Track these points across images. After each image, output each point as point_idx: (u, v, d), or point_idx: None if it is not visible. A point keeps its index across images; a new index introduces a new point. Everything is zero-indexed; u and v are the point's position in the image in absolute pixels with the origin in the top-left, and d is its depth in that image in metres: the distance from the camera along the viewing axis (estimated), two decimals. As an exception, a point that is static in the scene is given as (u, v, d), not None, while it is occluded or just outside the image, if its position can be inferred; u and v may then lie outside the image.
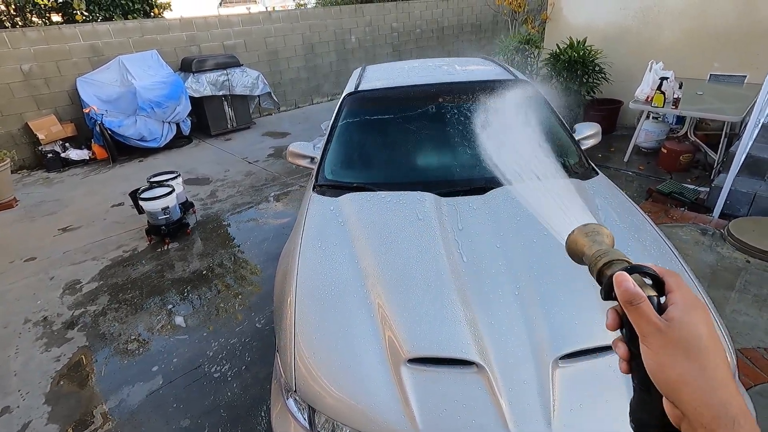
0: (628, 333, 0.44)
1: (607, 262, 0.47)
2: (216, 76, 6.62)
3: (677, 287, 0.43)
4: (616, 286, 0.43)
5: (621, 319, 0.45)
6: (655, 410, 0.42)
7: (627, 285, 0.42)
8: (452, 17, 10.63)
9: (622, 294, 0.42)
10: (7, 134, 5.73)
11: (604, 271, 0.46)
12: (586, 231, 0.52)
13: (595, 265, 0.48)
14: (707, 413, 0.36)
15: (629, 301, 0.41)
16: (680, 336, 0.39)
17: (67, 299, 3.11)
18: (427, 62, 3.28)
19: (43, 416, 2.18)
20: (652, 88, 4.23)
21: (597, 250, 0.49)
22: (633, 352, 0.43)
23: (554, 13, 6.12)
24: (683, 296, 0.42)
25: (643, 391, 0.43)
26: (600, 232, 0.51)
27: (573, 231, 0.53)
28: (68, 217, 4.43)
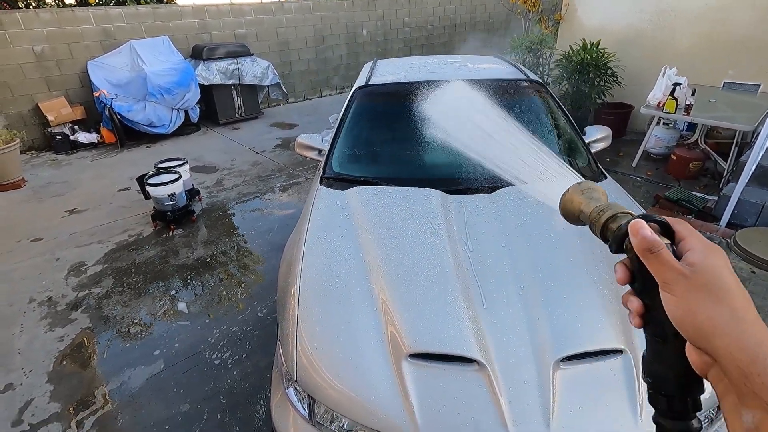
0: (640, 285, 0.43)
1: (612, 216, 0.45)
2: (226, 64, 6.62)
3: (689, 233, 0.42)
4: (632, 235, 0.41)
5: (631, 272, 0.44)
6: (672, 361, 0.41)
7: (645, 233, 0.40)
8: (465, 14, 10.56)
9: (640, 242, 0.40)
10: (17, 114, 5.76)
11: (609, 225, 0.45)
12: (582, 189, 0.50)
13: (597, 220, 0.46)
14: (743, 356, 0.35)
15: (648, 248, 0.40)
16: (705, 279, 0.38)
17: (72, 281, 3.14)
18: (439, 59, 3.27)
19: (45, 394, 2.21)
20: (664, 93, 4.19)
21: (597, 206, 0.47)
22: (647, 304, 0.43)
23: (568, 14, 6.06)
24: (699, 241, 0.41)
25: (658, 343, 0.42)
26: (596, 189, 0.50)
27: (567, 190, 0.51)
28: (75, 200, 4.46)
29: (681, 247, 0.41)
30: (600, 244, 0.47)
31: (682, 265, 0.39)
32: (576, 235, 1.70)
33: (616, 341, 1.31)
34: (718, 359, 0.36)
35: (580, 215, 0.49)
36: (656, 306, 0.41)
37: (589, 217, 0.48)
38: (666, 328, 0.40)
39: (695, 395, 0.42)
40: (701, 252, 0.40)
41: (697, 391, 0.41)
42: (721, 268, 0.38)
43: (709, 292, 0.37)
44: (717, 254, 0.40)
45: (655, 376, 0.43)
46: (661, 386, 0.43)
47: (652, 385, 0.44)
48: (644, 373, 0.45)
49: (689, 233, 0.42)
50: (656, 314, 0.41)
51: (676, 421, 0.42)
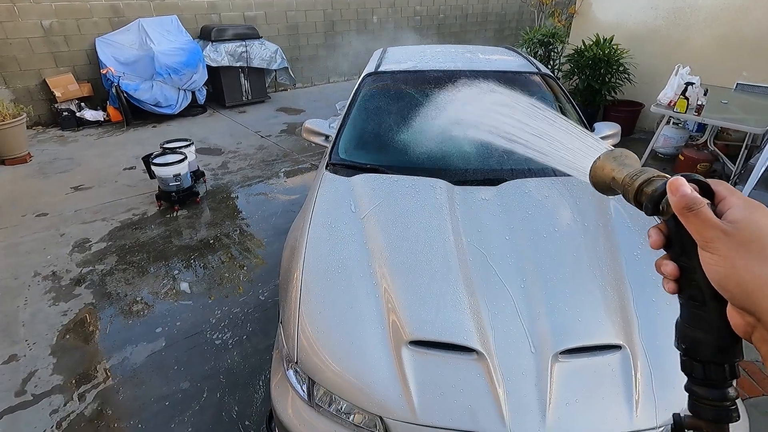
0: (678, 247, 0.42)
1: (646, 180, 0.44)
2: (234, 46, 6.57)
3: (730, 192, 0.40)
4: (671, 193, 0.40)
5: (666, 237, 0.43)
6: (711, 325, 0.40)
7: (684, 189, 0.39)
8: (477, 5, 10.41)
9: (680, 200, 0.39)
10: (24, 89, 5.75)
11: (644, 189, 0.44)
12: (614, 155, 0.49)
13: (631, 185, 0.45)
14: None
15: (688, 206, 0.38)
16: (749, 236, 0.36)
17: (76, 256, 3.16)
18: (450, 48, 3.23)
19: (48, 367, 2.25)
20: (676, 92, 4.14)
21: (629, 171, 0.46)
22: (683, 267, 0.42)
23: (583, 8, 5.97)
24: (740, 198, 0.39)
25: (696, 307, 0.41)
26: (628, 155, 0.49)
27: (599, 157, 0.49)
28: (80, 176, 4.47)
29: (721, 206, 0.40)
30: (604, 240, 0.47)
31: (724, 223, 0.38)
32: (580, 231, 1.70)
33: (616, 337, 1.31)
34: (763, 319, 0.35)
35: (611, 182, 0.48)
36: (694, 268, 0.40)
37: (622, 182, 0.46)
38: (704, 290, 0.39)
39: (733, 361, 0.40)
40: (743, 208, 0.38)
41: (735, 356, 0.40)
42: (764, 223, 0.37)
43: (753, 248, 0.36)
44: (761, 210, 0.38)
45: (691, 342, 0.42)
46: (696, 352, 0.41)
47: (686, 351, 0.42)
48: (677, 340, 0.43)
49: (730, 192, 0.40)
50: (693, 277, 0.40)
51: (711, 389, 0.41)
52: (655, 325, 1.35)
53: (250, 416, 1.98)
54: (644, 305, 1.40)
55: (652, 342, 1.30)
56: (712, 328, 0.40)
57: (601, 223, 1.72)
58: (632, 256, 1.58)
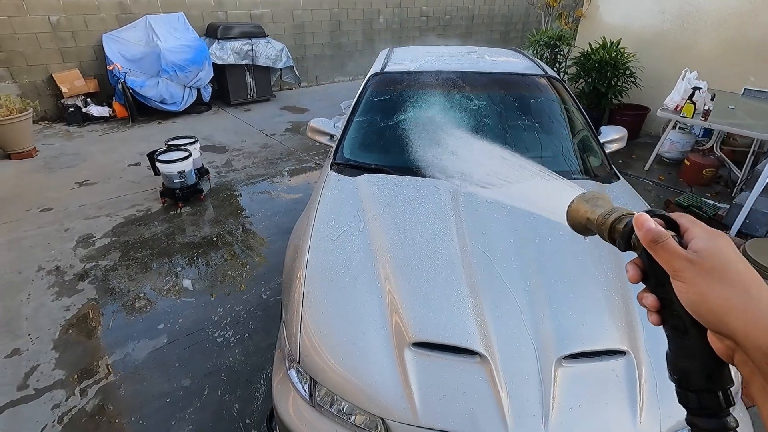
0: (653, 279, 0.43)
1: (617, 218, 0.46)
2: (241, 44, 6.58)
3: (692, 224, 0.42)
4: (637, 228, 0.42)
5: (642, 270, 0.45)
6: (695, 353, 0.41)
7: (649, 224, 0.41)
8: (483, 6, 10.40)
9: (646, 234, 0.41)
10: (31, 84, 5.78)
11: (616, 227, 0.46)
12: (586, 198, 0.51)
13: (604, 224, 0.47)
14: (763, 334, 0.34)
15: (654, 239, 0.41)
16: (713, 263, 0.38)
17: (79, 252, 3.17)
18: (457, 49, 3.22)
19: (50, 361, 2.25)
20: (682, 97, 4.12)
21: (602, 211, 0.48)
22: (662, 298, 0.43)
23: (590, 11, 5.95)
24: (702, 228, 0.41)
25: (679, 337, 0.42)
26: (600, 197, 0.51)
27: (573, 201, 0.52)
28: (85, 172, 4.49)
29: (686, 237, 0.42)
30: (609, 245, 0.48)
31: (689, 252, 0.39)
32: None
33: (620, 342, 1.30)
34: (737, 341, 0.36)
35: (587, 223, 0.50)
36: (671, 298, 0.41)
37: (596, 222, 0.49)
38: (684, 319, 0.41)
39: (725, 387, 0.41)
40: (705, 238, 0.40)
41: (726, 383, 0.41)
42: (726, 251, 0.39)
43: (716, 274, 0.38)
44: (721, 239, 0.40)
45: (681, 372, 0.43)
46: (688, 382, 0.42)
47: (679, 383, 0.43)
48: (670, 372, 0.44)
49: (692, 224, 0.42)
50: (673, 307, 0.42)
51: (710, 418, 0.41)
52: (660, 332, 1.33)
53: (250, 414, 1.98)
54: (649, 311, 1.39)
55: (657, 348, 1.29)
56: (697, 355, 0.41)
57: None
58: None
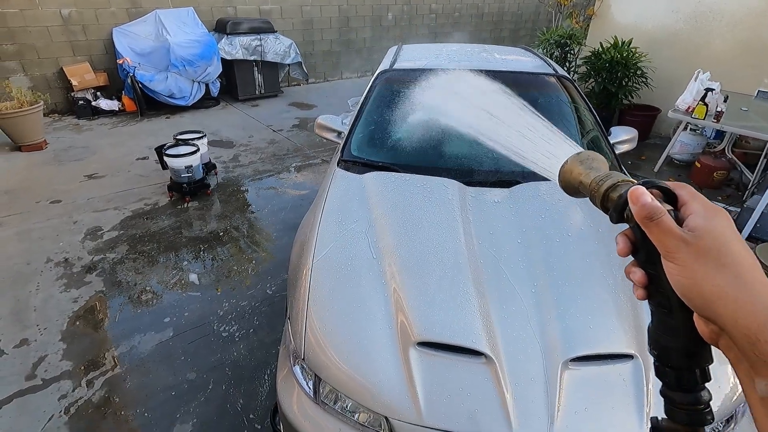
0: (644, 255, 0.42)
1: (612, 185, 0.43)
2: (249, 40, 6.58)
3: (691, 197, 0.40)
4: (632, 203, 0.39)
5: (633, 243, 0.43)
6: (678, 332, 0.40)
7: (645, 199, 0.39)
8: (494, 4, 10.32)
9: (640, 209, 0.39)
10: (42, 77, 5.83)
11: (610, 195, 0.43)
12: (581, 159, 0.48)
13: (597, 190, 0.44)
14: (752, 322, 0.33)
15: (649, 216, 0.38)
16: (708, 244, 0.36)
17: (88, 244, 3.20)
18: (466, 47, 3.20)
19: (58, 352, 2.28)
20: (695, 98, 4.07)
21: (596, 175, 0.45)
22: (650, 274, 0.41)
23: (602, 10, 5.89)
24: (701, 204, 0.39)
25: (663, 314, 0.41)
26: (596, 158, 0.48)
27: (567, 160, 0.49)
28: (94, 165, 4.52)
29: (683, 212, 0.39)
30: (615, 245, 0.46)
31: (683, 231, 0.37)
32: (594, 237, 1.67)
33: (628, 346, 1.29)
34: (724, 327, 0.35)
35: (579, 186, 0.47)
36: (660, 276, 0.40)
37: (589, 187, 0.46)
38: (671, 298, 0.39)
39: (703, 365, 0.41)
40: (703, 216, 0.38)
41: (705, 361, 0.41)
42: (723, 231, 0.37)
43: (711, 257, 0.36)
44: (720, 217, 0.37)
45: (661, 348, 0.42)
46: (667, 359, 0.42)
47: (658, 358, 0.43)
48: (650, 346, 0.43)
49: (691, 197, 0.40)
50: (660, 285, 0.40)
51: (685, 393, 0.41)
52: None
53: (254, 409, 1.99)
54: (658, 315, 1.37)
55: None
56: (681, 335, 0.40)
57: (616, 228, 1.69)
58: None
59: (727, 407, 1.22)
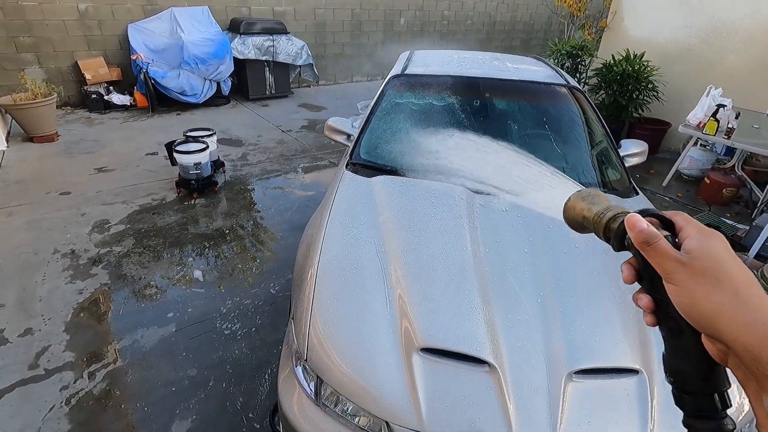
0: (648, 281, 0.43)
1: (612, 217, 0.46)
2: (262, 40, 6.63)
3: (686, 222, 0.42)
4: (629, 229, 0.42)
5: (637, 271, 0.44)
6: (691, 355, 0.40)
7: (641, 225, 0.41)
8: (506, 13, 10.34)
9: (638, 235, 0.41)
10: (56, 70, 5.90)
11: (611, 226, 0.46)
12: (583, 196, 0.51)
13: (599, 222, 0.47)
14: (751, 338, 0.34)
15: (645, 241, 0.40)
16: (704, 264, 0.37)
17: (95, 237, 3.22)
18: (478, 55, 3.21)
19: (61, 343, 2.29)
20: (706, 114, 4.05)
21: (599, 209, 0.48)
22: (657, 299, 0.42)
23: (614, 22, 5.88)
24: (695, 228, 0.41)
25: (674, 338, 0.42)
26: (597, 194, 0.51)
27: (569, 198, 0.52)
28: (104, 159, 4.57)
29: (680, 237, 0.41)
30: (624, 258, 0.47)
31: (680, 254, 0.39)
32: (601, 250, 1.66)
33: (633, 361, 1.28)
34: (728, 344, 0.36)
35: (583, 221, 0.50)
36: (666, 300, 0.41)
37: (592, 220, 0.48)
38: (678, 320, 0.40)
39: (721, 389, 0.40)
40: (697, 238, 0.39)
41: (722, 385, 0.40)
42: (718, 251, 0.38)
43: (708, 276, 0.37)
44: (714, 239, 0.39)
45: (676, 373, 0.42)
46: (684, 384, 0.42)
47: (675, 384, 0.43)
48: (666, 373, 0.44)
49: (686, 222, 0.42)
50: (667, 309, 0.41)
51: (705, 420, 0.40)
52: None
53: (254, 408, 1.99)
54: (664, 330, 1.36)
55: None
56: (692, 357, 0.40)
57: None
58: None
59: (732, 427, 1.20)
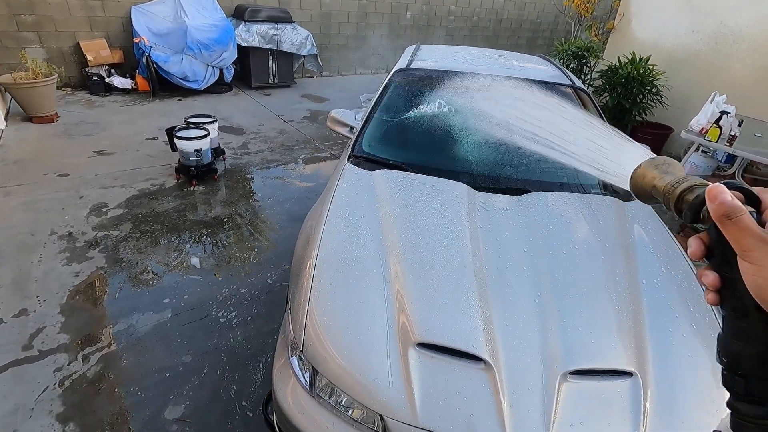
0: (719, 257, 0.41)
1: (688, 187, 0.43)
2: (267, 28, 6.58)
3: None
4: (710, 200, 0.39)
5: (707, 246, 0.42)
6: (753, 337, 0.39)
7: (724, 197, 0.38)
8: (513, 10, 10.28)
9: (719, 207, 0.38)
10: (57, 50, 5.84)
11: (685, 197, 0.43)
12: (656, 163, 0.48)
13: (671, 192, 0.44)
14: None
15: (726, 214, 0.37)
16: None
17: (92, 220, 3.21)
18: (484, 51, 3.19)
19: (56, 325, 2.28)
20: (709, 120, 4.04)
21: (672, 179, 0.46)
22: (725, 277, 0.41)
23: (621, 24, 5.85)
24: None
25: (738, 319, 0.40)
26: (671, 164, 0.48)
27: (640, 165, 0.49)
28: (104, 142, 4.53)
29: (766, 215, 0.39)
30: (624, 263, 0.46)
31: (764, 231, 0.37)
32: (600, 251, 1.67)
33: (628, 363, 1.28)
34: None
35: (652, 190, 0.47)
36: (736, 278, 0.39)
37: (663, 190, 0.46)
38: (746, 301, 0.39)
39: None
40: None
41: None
42: None
43: None
44: None
45: (732, 355, 0.41)
46: (738, 365, 0.40)
47: (727, 365, 0.42)
48: (718, 354, 0.43)
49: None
50: (735, 287, 0.39)
51: (753, 405, 0.39)
52: (668, 355, 1.32)
53: (247, 397, 1.99)
54: (659, 333, 1.37)
55: (665, 372, 1.27)
56: (753, 339, 0.39)
57: (623, 245, 1.68)
58: (651, 282, 1.54)
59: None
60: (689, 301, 1.51)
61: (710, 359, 1.34)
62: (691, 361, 1.33)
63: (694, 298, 1.53)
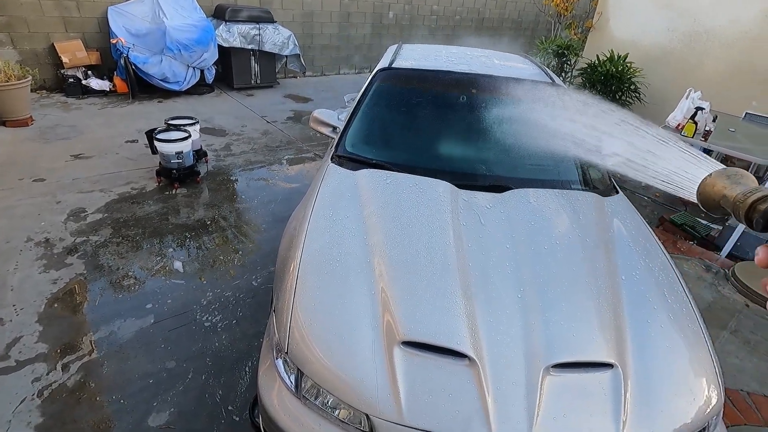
0: None
1: (761, 197, 0.44)
2: (248, 28, 6.51)
3: None
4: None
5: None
6: None
7: None
8: (494, 9, 10.38)
9: None
10: (31, 52, 5.68)
11: (758, 207, 0.44)
12: (728, 174, 0.49)
13: (743, 202, 0.45)
14: None
15: None
16: None
17: (70, 225, 3.13)
18: (466, 50, 3.22)
19: (33, 334, 2.22)
20: (685, 116, 4.14)
21: (744, 189, 0.46)
22: None
23: (600, 23, 5.96)
24: None
25: None
26: (744, 175, 0.48)
27: (710, 174, 0.49)
28: (81, 145, 4.43)
29: None
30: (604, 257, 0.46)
31: None
32: (580, 246, 1.69)
33: (608, 355, 1.31)
34: None
35: (721, 200, 0.48)
36: None
37: (734, 200, 0.46)
38: None
39: None
40: None
41: None
42: None
43: None
44: None
45: None
46: None
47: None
48: None
49: None
50: None
51: None
52: (647, 347, 1.35)
53: (233, 401, 1.97)
54: (638, 326, 1.40)
55: (644, 363, 1.30)
56: None
57: (603, 240, 1.71)
58: (631, 276, 1.58)
59: (701, 419, 1.24)
60: (666, 293, 1.55)
61: (687, 348, 1.38)
62: (669, 351, 1.36)
63: (672, 290, 1.57)
